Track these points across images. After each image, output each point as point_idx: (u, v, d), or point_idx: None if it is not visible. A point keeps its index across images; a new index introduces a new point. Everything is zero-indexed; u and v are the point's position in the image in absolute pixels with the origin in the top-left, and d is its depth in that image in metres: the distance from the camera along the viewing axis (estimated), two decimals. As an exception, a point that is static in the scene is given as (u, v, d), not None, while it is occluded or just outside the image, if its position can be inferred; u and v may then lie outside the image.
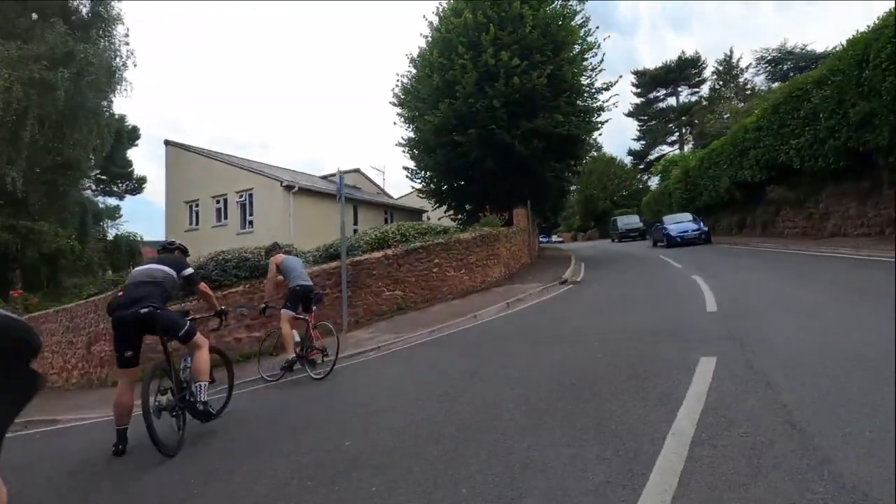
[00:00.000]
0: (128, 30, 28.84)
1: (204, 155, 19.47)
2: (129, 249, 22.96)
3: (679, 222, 19.10)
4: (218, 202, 18.92)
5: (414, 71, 19.21)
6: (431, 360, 6.00)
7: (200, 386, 3.96)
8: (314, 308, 6.56)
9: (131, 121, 31.01)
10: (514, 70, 15.41)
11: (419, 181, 20.96)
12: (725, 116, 32.83)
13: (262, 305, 6.60)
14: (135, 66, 31.12)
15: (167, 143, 20.22)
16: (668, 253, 15.57)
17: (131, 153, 33.70)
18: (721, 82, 41.61)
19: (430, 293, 10.34)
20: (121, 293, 4.00)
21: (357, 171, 25.60)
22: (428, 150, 18.66)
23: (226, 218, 18.77)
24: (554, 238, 47.23)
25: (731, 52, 44.27)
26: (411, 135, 19.99)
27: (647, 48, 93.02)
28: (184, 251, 4.93)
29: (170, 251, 4.76)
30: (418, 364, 5.92)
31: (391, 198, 26.06)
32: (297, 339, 6.42)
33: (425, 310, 9.73)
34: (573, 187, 22.50)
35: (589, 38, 18.02)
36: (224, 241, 13.76)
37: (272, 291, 6.68)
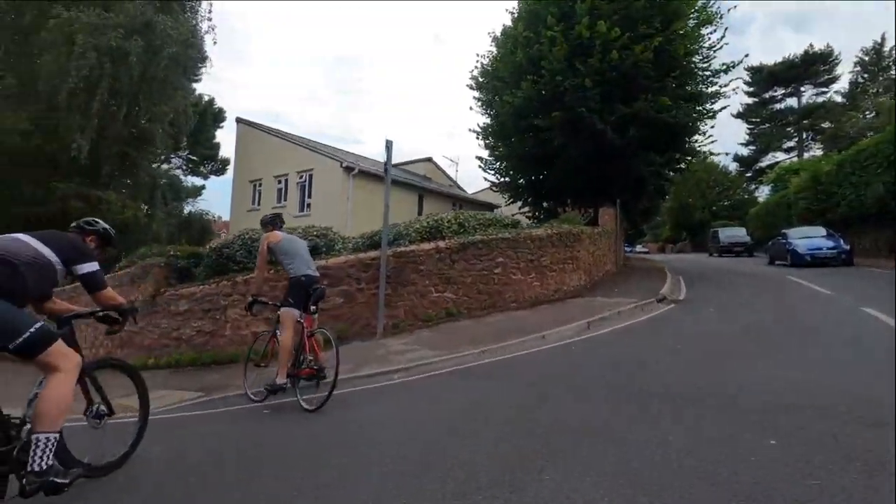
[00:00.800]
0: (211, 6, 29.35)
1: (270, 133, 18.91)
2: (200, 226, 23.19)
3: (809, 237, 15.47)
4: (279, 182, 18.23)
5: (495, 51, 17.27)
6: (473, 402, 4.02)
7: (40, 440, 2.27)
8: (314, 308, 4.78)
9: (233, 111, 31.68)
10: (612, 43, 12.91)
11: (493, 173, 18.96)
12: (869, 115, 27.38)
13: (249, 299, 4.97)
14: (214, 43, 31.78)
15: (238, 120, 19.96)
16: (799, 274, 12.30)
17: (219, 136, 34.80)
18: (866, 75, 35.11)
19: (488, 299, 8.34)
20: None
21: (429, 160, 24.11)
22: (504, 136, 16.63)
23: (285, 199, 18.02)
24: (638, 248, 43.16)
25: (883, 39, 36.78)
26: (487, 121, 18.10)
27: (760, 48, 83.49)
28: (104, 239, 3.04)
29: (79, 231, 2.95)
30: (452, 407, 3.96)
31: (463, 191, 24.27)
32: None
33: (480, 319, 7.75)
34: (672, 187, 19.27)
35: (708, 9, 15.00)
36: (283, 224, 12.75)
37: (262, 281, 5.04)
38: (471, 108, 18.69)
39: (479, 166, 18.96)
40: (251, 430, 3.94)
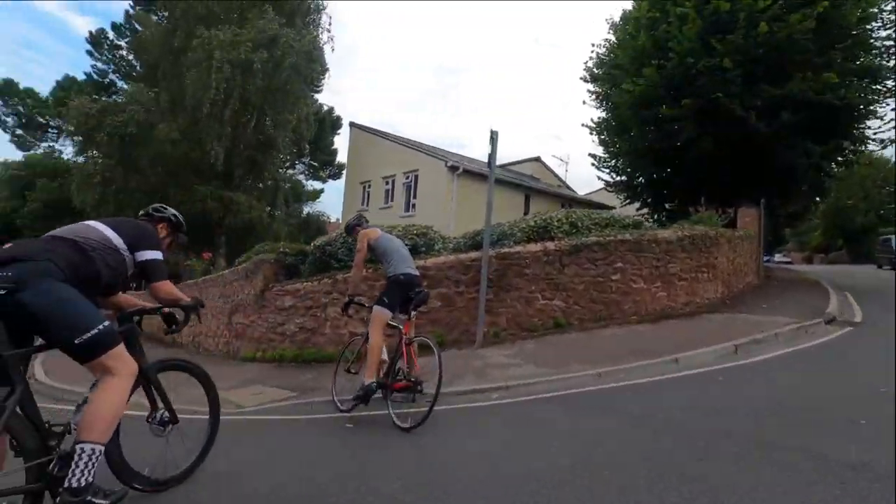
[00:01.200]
0: (330, 18, 31.10)
1: (380, 135, 19.39)
2: (316, 227, 24.67)
3: None
4: (387, 183, 18.57)
5: (613, 38, 15.84)
6: (589, 443, 3.18)
7: (84, 452, 1.96)
8: (414, 313, 4.31)
9: (347, 117, 33.66)
10: (760, 14, 10.95)
11: (607, 171, 17.43)
12: None
13: (346, 299, 4.60)
14: (332, 50, 33.60)
15: (352, 124, 20.81)
16: None
17: (337, 142, 36.97)
18: None
19: (603, 309, 7.29)
20: (7, 246, 2.15)
21: (537, 159, 23.07)
22: (622, 130, 15.12)
23: (392, 199, 18.30)
24: (777, 257, 37.58)
25: None
26: (603, 115, 16.68)
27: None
28: (174, 226, 2.83)
29: (148, 218, 2.75)
30: (561, 446, 3.14)
31: (573, 192, 22.84)
32: (384, 356, 4.26)
33: (594, 333, 6.76)
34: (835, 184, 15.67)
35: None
36: (388, 224, 12.84)
37: (360, 280, 4.66)
38: (584, 103, 17.34)
39: (593, 164, 17.45)
40: (328, 449, 3.52)
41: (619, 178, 17.16)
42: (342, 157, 34.96)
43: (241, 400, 5.54)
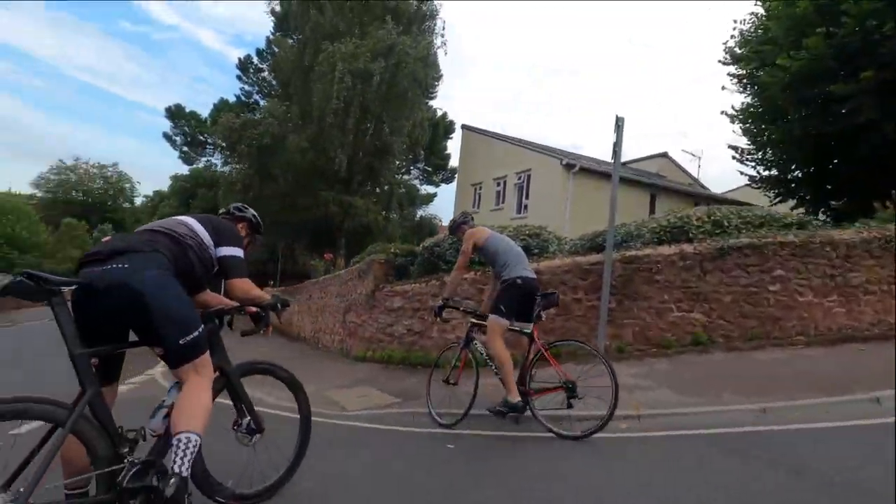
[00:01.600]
0: (444, 23, 31.42)
1: (491, 136, 19.02)
2: (429, 229, 25.12)
3: None
4: (498, 184, 18.11)
5: (761, 10, 13.68)
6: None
7: (180, 441, 1.81)
8: (541, 317, 3.88)
9: (459, 122, 34.03)
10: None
11: (752, 165, 15.12)
12: None
13: (440, 302, 4.21)
14: (445, 54, 33.97)
15: (464, 127, 20.76)
16: None
17: (449, 146, 37.55)
18: None
19: (757, 326, 6.01)
20: (107, 239, 2.13)
21: (664, 155, 20.90)
22: (773, 115, 12.95)
23: (503, 201, 17.78)
24: None
25: None
26: (748, 100, 14.51)
27: None
28: (253, 227, 2.73)
29: (230, 217, 2.68)
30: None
31: (707, 190, 20.30)
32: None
33: (746, 355, 5.57)
34: None
35: None
36: (498, 225, 12.40)
37: (459, 282, 4.23)
38: (723, 88, 15.24)
39: (734, 158, 15.26)
40: (424, 471, 3.10)
41: (767, 173, 14.80)
42: (455, 161, 35.41)
43: (346, 402, 5.44)
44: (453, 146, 36.07)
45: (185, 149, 32.49)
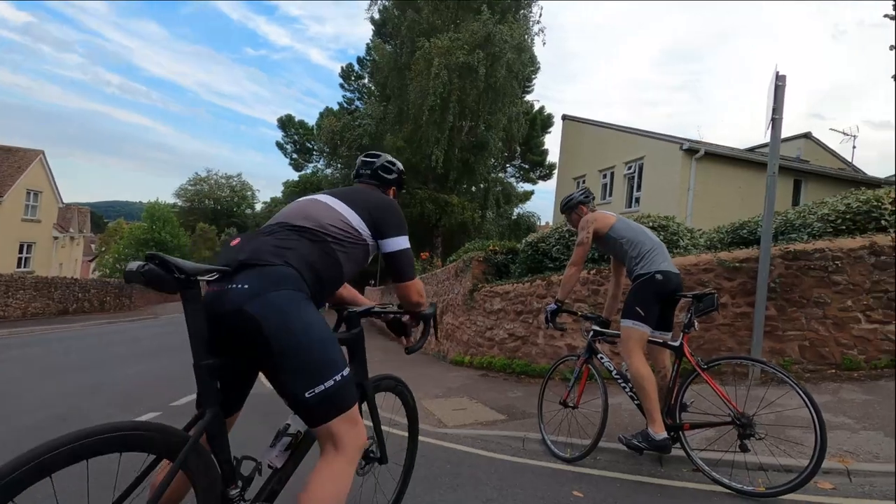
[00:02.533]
0: (541, 8, 29.84)
1: (596, 125, 17.51)
2: (526, 227, 24.10)
3: None
4: (604, 176, 16.59)
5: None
6: None
7: None
8: (695, 325, 2.90)
9: (557, 115, 32.59)
10: None
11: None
12: None
13: (552, 305, 3.39)
14: (543, 44, 32.42)
15: (564, 117, 19.44)
16: None
17: (547, 142, 36.06)
18: None
19: None
20: (234, 242, 1.56)
21: (806, 136, 17.77)
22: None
23: (610, 195, 16.22)
24: None
25: None
26: None
27: None
28: (400, 187, 2.11)
29: (377, 182, 1.97)
30: None
31: (863, 174, 16.89)
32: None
33: (983, 385, 4.02)
34: None
35: None
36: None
37: (575, 281, 3.36)
38: (891, 48, 12.49)
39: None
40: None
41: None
42: (552, 158, 33.83)
43: (443, 415, 4.85)
44: (551, 142, 34.63)
45: (295, 156, 34.76)
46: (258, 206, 59.08)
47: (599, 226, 3.18)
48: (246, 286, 1.34)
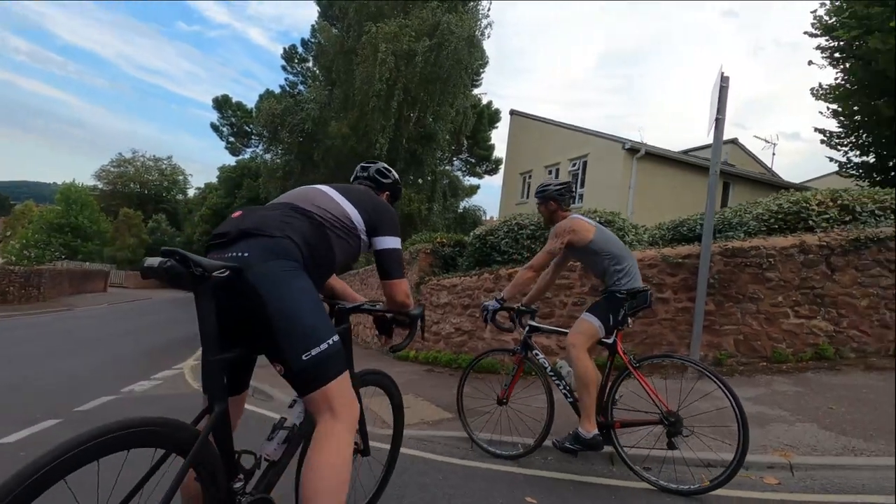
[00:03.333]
0: (490, 4, 29.87)
1: (544, 122, 17.75)
2: (472, 221, 24.17)
3: None
4: (550, 172, 16.87)
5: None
6: None
7: None
8: (628, 322, 2.85)
9: (506, 111, 32.59)
10: None
11: (845, 150, 13.41)
12: None
13: (494, 303, 3.16)
14: (488, 37, 32.51)
15: (512, 112, 19.57)
16: None
17: (494, 137, 36.30)
18: None
19: (903, 339, 4.74)
20: (237, 214, 1.59)
21: (733, 142, 18.97)
22: (877, 91, 11.23)
23: (555, 191, 16.54)
24: None
25: None
26: (840, 76, 12.84)
27: None
28: (394, 197, 2.24)
29: (371, 184, 2.09)
30: None
31: (780, 179, 18.28)
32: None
33: (892, 376, 4.32)
34: None
35: None
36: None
37: (527, 284, 3.18)
38: (810, 63, 13.49)
39: (822, 142, 13.50)
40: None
41: (863, 159, 13.03)
42: (499, 153, 34.14)
43: (386, 414, 4.59)
44: (498, 137, 34.93)
45: (232, 139, 32.85)
46: (191, 192, 55.67)
47: (576, 239, 2.95)
48: (246, 254, 1.40)
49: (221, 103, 32.42)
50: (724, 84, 4.91)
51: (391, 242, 1.79)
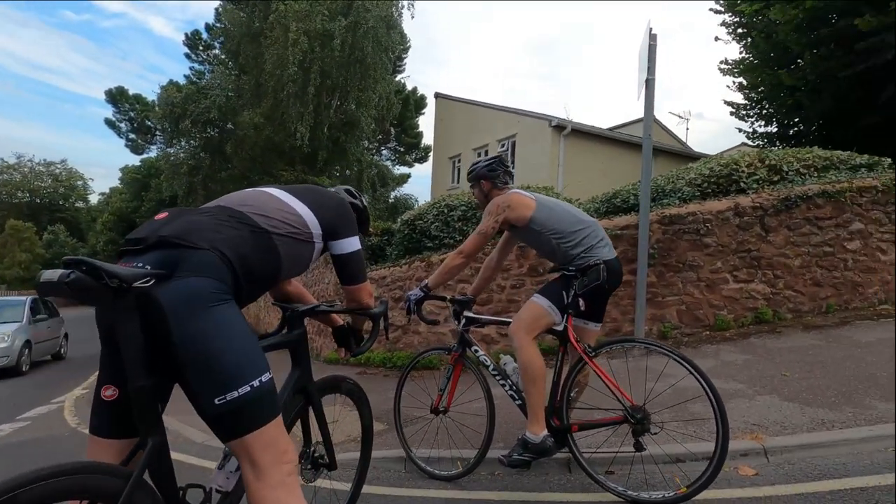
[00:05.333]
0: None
1: (469, 103, 17.37)
2: (404, 210, 23.50)
3: None
4: (479, 154, 16.55)
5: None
6: None
7: None
8: (579, 304, 2.33)
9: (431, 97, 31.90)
10: None
11: (751, 120, 14.15)
12: None
13: (417, 292, 2.69)
14: (412, 17, 31.34)
15: (437, 95, 19.03)
16: None
17: (422, 124, 35.61)
18: None
19: (835, 294, 4.75)
20: (161, 216, 1.33)
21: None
22: (780, 62, 11.82)
23: (486, 173, 16.27)
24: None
25: None
26: (744, 53, 13.52)
27: None
28: (361, 220, 1.88)
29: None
30: None
31: (699, 153, 19.21)
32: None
33: (828, 333, 4.27)
34: None
35: None
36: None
37: (457, 272, 2.68)
38: (716, 39, 14.06)
39: (731, 114, 14.17)
40: None
41: (767, 129, 13.82)
42: (428, 140, 33.54)
43: (315, 430, 3.92)
44: (425, 124, 34.29)
45: (132, 136, 29.73)
46: (93, 199, 50.40)
47: (514, 216, 2.44)
48: (146, 266, 1.18)
49: (116, 96, 29.14)
50: (652, 42, 4.61)
51: (353, 244, 1.64)
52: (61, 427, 4.82)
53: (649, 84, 4.68)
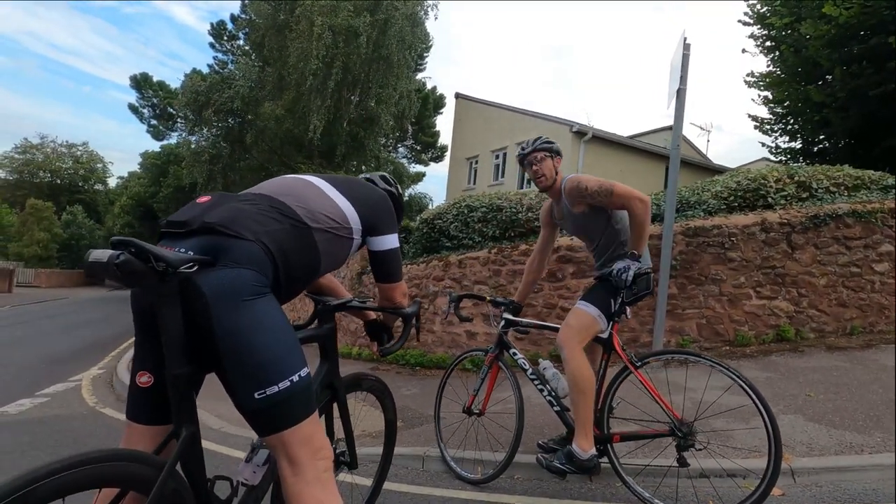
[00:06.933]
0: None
1: (490, 105, 17.34)
2: (418, 210, 23.53)
3: None
4: (497, 157, 16.54)
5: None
6: None
7: None
8: (626, 313, 2.42)
9: (451, 98, 31.76)
10: None
11: (775, 136, 13.93)
12: None
13: (456, 292, 2.75)
14: (436, 18, 31.53)
15: (457, 95, 19.04)
16: None
17: (439, 123, 35.62)
18: None
19: (860, 316, 4.67)
20: (203, 199, 1.30)
21: (671, 129, 19.45)
22: (808, 76, 11.63)
23: (503, 175, 16.20)
24: None
25: None
26: (770, 66, 13.33)
27: None
28: (397, 205, 1.78)
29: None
30: None
31: (720, 166, 18.99)
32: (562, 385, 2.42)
33: (853, 355, 4.20)
34: None
35: None
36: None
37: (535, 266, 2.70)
38: (744, 52, 13.95)
39: (755, 127, 13.99)
40: None
41: (790, 145, 13.61)
42: (445, 140, 33.56)
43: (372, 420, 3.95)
44: (443, 123, 34.33)
45: (154, 122, 30.12)
46: (112, 182, 51.09)
47: (605, 187, 2.29)
48: (206, 256, 1.15)
49: (140, 82, 29.54)
50: (685, 52, 4.59)
51: (392, 241, 1.59)
52: (80, 406, 4.90)
53: (680, 94, 4.65)
